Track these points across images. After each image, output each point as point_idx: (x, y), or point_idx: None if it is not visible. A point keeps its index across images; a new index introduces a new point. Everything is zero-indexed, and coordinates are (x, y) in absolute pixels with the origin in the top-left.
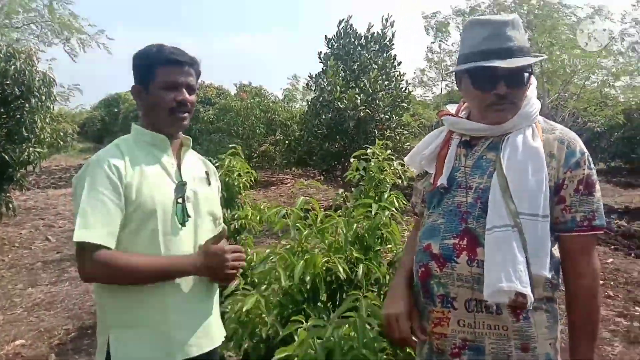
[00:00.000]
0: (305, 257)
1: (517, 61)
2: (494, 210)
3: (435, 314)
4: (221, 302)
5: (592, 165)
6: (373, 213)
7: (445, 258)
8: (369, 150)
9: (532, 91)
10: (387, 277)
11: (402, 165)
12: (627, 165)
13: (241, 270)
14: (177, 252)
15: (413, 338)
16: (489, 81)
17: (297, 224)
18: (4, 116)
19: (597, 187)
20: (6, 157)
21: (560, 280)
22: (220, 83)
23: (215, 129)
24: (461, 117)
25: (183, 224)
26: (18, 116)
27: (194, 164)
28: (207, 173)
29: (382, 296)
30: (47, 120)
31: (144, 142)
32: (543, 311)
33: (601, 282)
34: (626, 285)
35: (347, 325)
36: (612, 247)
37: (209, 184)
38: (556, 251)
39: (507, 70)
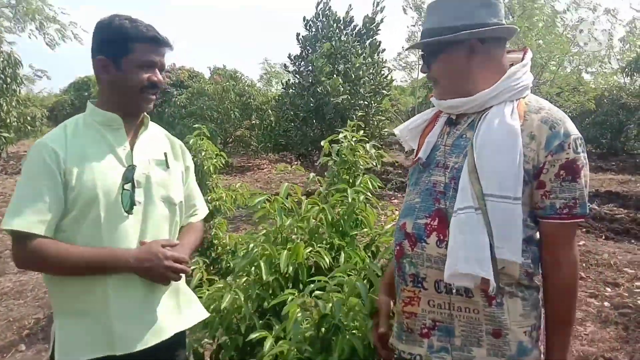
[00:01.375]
0: (288, 247)
1: (414, 44)
2: (461, 192)
3: (406, 292)
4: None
5: (581, 149)
6: (350, 199)
7: (416, 238)
8: (340, 135)
9: (521, 65)
10: (366, 260)
11: (376, 147)
12: (597, 150)
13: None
14: (122, 242)
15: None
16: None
17: (282, 213)
18: None
19: (583, 173)
20: None
21: (538, 269)
22: (191, 66)
23: (188, 113)
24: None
25: (129, 211)
26: None
27: (152, 144)
28: (165, 155)
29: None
30: (14, 103)
31: (95, 122)
32: (519, 298)
33: None
34: (597, 267)
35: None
36: (584, 229)
37: (167, 166)
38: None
39: (421, 50)
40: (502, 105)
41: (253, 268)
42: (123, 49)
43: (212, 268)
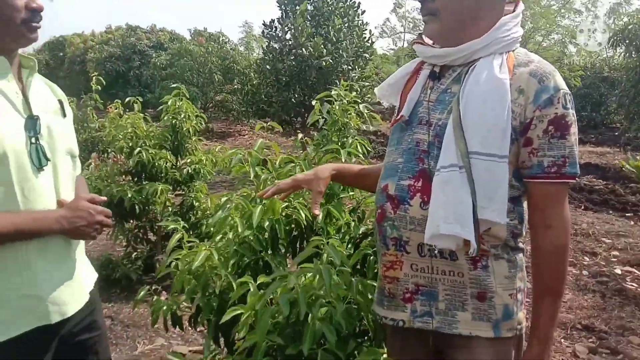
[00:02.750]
0: (263, 203)
1: None
2: (444, 150)
3: (388, 257)
4: (167, 255)
5: (570, 105)
6: (343, 159)
7: (399, 200)
8: (333, 92)
9: (512, 16)
10: (352, 224)
11: (368, 109)
12: (579, 122)
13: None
14: (39, 203)
15: None
16: None
17: (256, 169)
18: None
19: (573, 130)
20: None
21: (524, 230)
22: (172, 28)
23: (168, 75)
24: (432, 46)
25: (41, 167)
26: None
27: (42, 91)
28: (60, 102)
29: (346, 243)
30: None
31: None
32: (504, 260)
33: None
34: (576, 236)
35: (309, 274)
36: None
37: (64, 115)
38: (525, 198)
39: None
40: (491, 58)
41: (229, 227)
42: None
43: (191, 232)
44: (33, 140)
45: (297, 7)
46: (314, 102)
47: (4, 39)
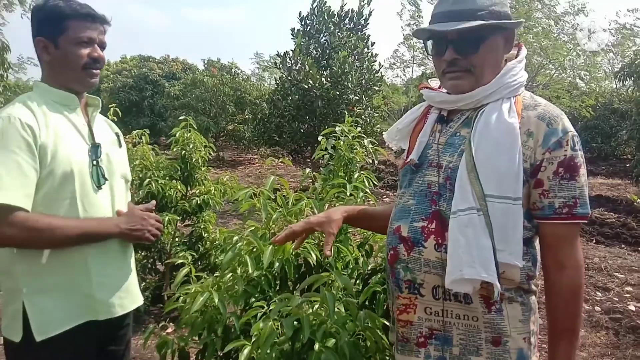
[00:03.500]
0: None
1: (458, 24)
2: (459, 192)
3: (402, 300)
4: (175, 289)
5: (578, 147)
6: (348, 194)
7: (413, 242)
8: (337, 128)
9: (517, 61)
10: (360, 259)
11: (373, 143)
12: (588, 154)
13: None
14: (96, 215)
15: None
16: (439, 46)
17: (267, 206)
18: None
19: (582, 171)
20: None
21: (537, 272)
22: (184, 57)
23: (181, 105)
24: (440, 91)
25: (99, 187)
26: None
27: (103, 124)
28: (117, 135)
29: (354, 279)
30: (0, 89)
31: (52, 101)
32: (518, 303)
33: None
34: (587, 271)
35: (315, 304)
36: None
37: (120, 146)
38: (537, 241)
39: (456, 34)
40: (499, 102)
41: (238, 264)
42: (59, 28)
43: (199, 263)
44: (94, 163)
45: (312, 40)
46: (319, 138)
47: (70, 81)
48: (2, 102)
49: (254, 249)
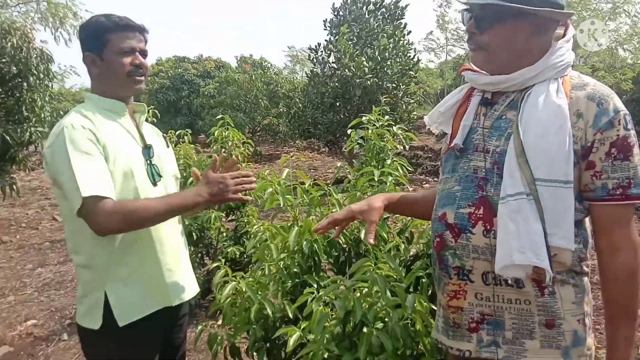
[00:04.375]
0: (300, 225)
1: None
2: (508, 177)
3: (451, 286)
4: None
5: (630, 126)
6: (376, 179)
7: (460, 228)
8: (364, 119)
9: (564, 40)
10: (402, 246)
11: (404, 130)
12: (636, 128)
13: (251, 193)
14: None
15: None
16: (466, 16)
17: (287, 196)
18: (2, 95)
19: (636, 150)
20: (7, 137)
21: (588, 254)
22: (218, 56)
23: (217, 103)
24: (482, 73)
25: (155, 184)
26: (17, 95)
27: (150, 129)
28: (164, 137)
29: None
30: (47, 98)
31: (102, 109)
32: (571, 285)
33: None
34: None
35: (363, 289)
36: None
37: (168, 146)
38: (587, 222)
39: (478, 7)
40: (546, 83)
41: (268, 256)
42: (102, 41)
43: (245, 256)
44: (149, 162)
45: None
46: (348, 131)
47: (117, 89)
48: (48, 111)
49: (282, 238)
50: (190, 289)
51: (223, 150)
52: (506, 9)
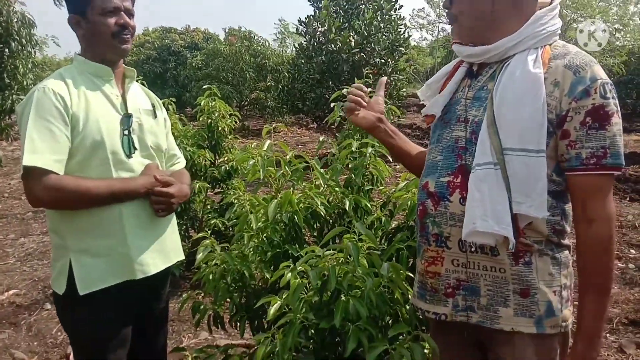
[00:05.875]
0: (280, 197)
1: None
2: (479, 147)
3: (429, 252)
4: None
5: (610, 95)
6: (353, 149)
7: (439, 196)
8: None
9: (548, 9)
10: (383, 219)
11: (386, 103)
12: (622, 110)
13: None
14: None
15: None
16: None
17: (269, 168)
18: None
19: (615, 120)
20: None
21: (568, 226)
22: (206, 27)
23: (204, 75)
24: (469, 45)
25: (130, 155)
26: None
27: (139, 95)
28: (153, 105)
29: (378, 238)
30: (30, 66)
31: (87, 73)
32: (548, 257)
33: None
34: (621, 229)
35: (340, 257)
36: None
37: (155, 116)
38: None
39: None
40: (525, 53)
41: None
42: (87, 2)
43: (231, 229)
44: (126, 132)
45: (331, 3)
46: (331, 104)
47: (103, 51)
48: (31, 78)
49: (261, 208)
50: (163, 260)
51: (210, 121)
52: None
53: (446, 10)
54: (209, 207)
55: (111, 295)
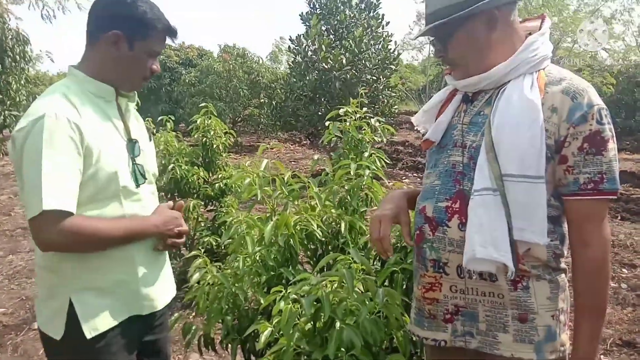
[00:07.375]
0: (276, 219)
1: (424, 30)
2: (478, 173)
3: (427, 278)
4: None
5: (606, 120)
6: (352, 173)
7: (437, 221)
8: (341, 111)
9: (539, 34)
10: None
11: (380, 122)
12: (615, 129)
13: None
14: (139, 214)
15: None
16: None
17: (265, 188)
18: None
19: (611, 145)
20: None
21: (565, 250)
22: (200, 44)
23: (198, 91)
24: None
25: (138, 186)
26: None
27: (135, 117)
28: (147, 128)
29: (372, 260)
30: (23, 82)
31: (89, 92)
32: (546, 281)
33: None
34: (613, 248)
35: (334, 283)
36: None
37: (150, 139)
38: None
39: (432, 34)
40: (521, 79)
41: (242, 247)
42: (142, 33)
43: (223, 248)
44: (133, 161)
45: (322, 23)
46: (326, 123)
47: (123, 82)
48: (24, 94)
49: (257, 230)
50: (169, 291)
51: (204, 139)
52: (449, 23)
53: (440, 59)
54: (202, 224)
55: (114, 335)
